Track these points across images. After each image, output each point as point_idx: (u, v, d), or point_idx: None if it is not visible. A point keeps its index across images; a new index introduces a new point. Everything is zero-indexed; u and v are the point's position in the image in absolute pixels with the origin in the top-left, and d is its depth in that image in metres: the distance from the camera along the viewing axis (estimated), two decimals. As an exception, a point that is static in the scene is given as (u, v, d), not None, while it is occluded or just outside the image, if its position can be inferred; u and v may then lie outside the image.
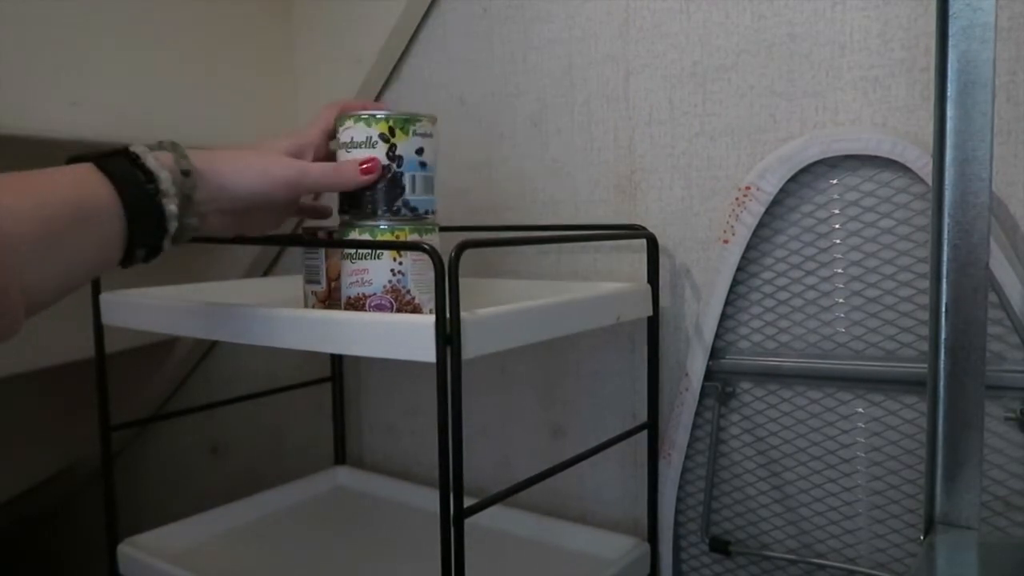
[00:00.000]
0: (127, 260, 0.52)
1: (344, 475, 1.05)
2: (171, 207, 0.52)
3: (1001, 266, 0.63)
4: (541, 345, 0.73)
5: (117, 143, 0.54)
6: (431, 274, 0.55)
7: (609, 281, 0.83)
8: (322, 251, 0.73)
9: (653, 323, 0.79)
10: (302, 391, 1.05)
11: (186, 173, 0.54)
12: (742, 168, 0.77)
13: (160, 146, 0.56)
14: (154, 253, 0.54)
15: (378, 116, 0.62)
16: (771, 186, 0.73)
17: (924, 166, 0.66)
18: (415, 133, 0.63)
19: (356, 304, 0.62)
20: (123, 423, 0.83)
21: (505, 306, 0.60)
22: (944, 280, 0.57)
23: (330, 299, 0.72)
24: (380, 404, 1.07)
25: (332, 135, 0.66)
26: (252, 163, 0.59)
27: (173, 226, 0.53)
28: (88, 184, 0.49)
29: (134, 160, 0.52)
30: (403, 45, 0.97)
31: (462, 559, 0.57)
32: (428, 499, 0.93)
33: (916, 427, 0.70)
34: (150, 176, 0.52)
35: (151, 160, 0.52)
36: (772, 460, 0.78)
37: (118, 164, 0.51)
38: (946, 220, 0.57)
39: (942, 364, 0.58)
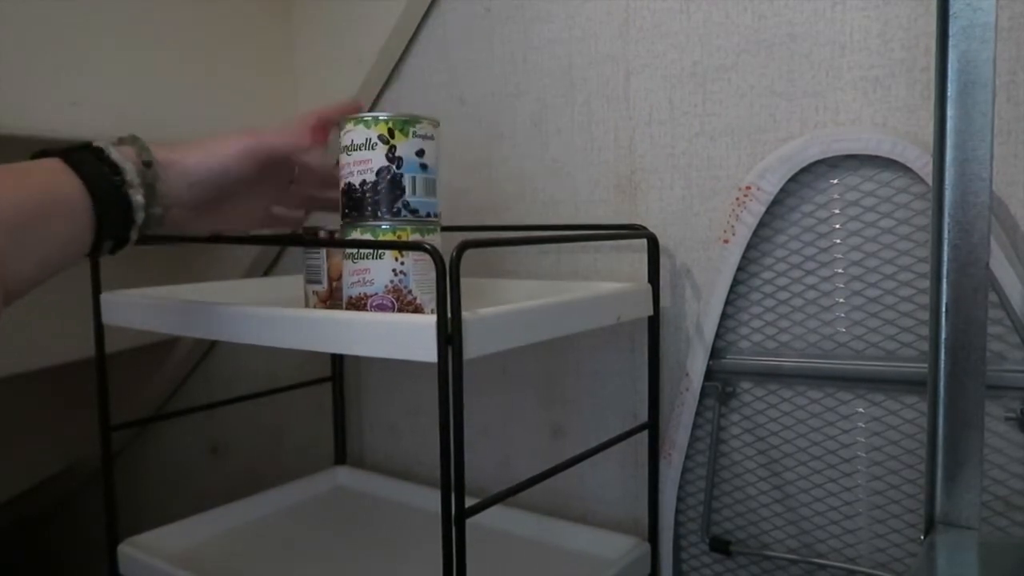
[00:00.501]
0: (95, 251, 0.54)
1: (344, 475, 1.05)
2: (137, 198, 0.54)
3: (1001, 266, 0.64)
4: (542, 345, 0.73)
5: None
6: (433, 274, 0.55)
7: (609, 281, 0.83)
8: (323, 251, 0.73)
9: (653, 323, 0.79)
10: (302, 391, 1.05)
11: (148, 164, 0.56)
12: (742, 168, 0.77)
13: (121, 141, 0.57)
14: (121, 244, 0.55)
15: (378, 118, 0.63)
16: (771, 186, 0.73)
17: (924, 166, 0.66)
18: (415, 135, 0.63)
19: (357, 304, 0.62)
20: (123, 423, 0.83)
21: (506, 306, 0.60)
22: (944, 280, 0.57)
23: (332, 299, 0.72)
24: (381, 404, 1.07)
25: (314, 141, 0.67)
26: (208, 145, 0.61)
27: (140, 216, 0.54)
28: (58, 178, 0.51)
29: (99, 154, 0.54)
30: (403, 45, 0.97)
31: (463, 559, 0.57)
32: (428, 499, 0.93)
33: (916, 427, 0.70)
34: (115, 168, 0.53)
35: (115, 153, 0.54)
36: (772, 460, 0.78)
37: (85, 158, 0.52)
38: (946, 220, 0.57)
39: (942, 364, 0.58)
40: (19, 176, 0.49)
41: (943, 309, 0.57)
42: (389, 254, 0.62)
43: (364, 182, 0.63)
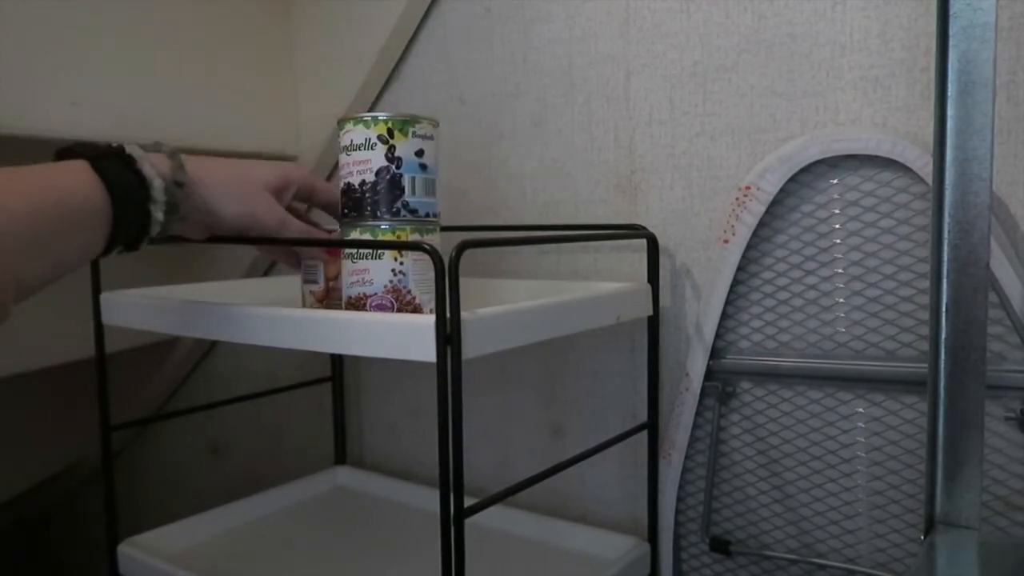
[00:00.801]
0: (104, 254, 0.54)
1: (344, 475, 1.05)
2: (158, 215, 0.54)
3: (1001, 266, 0.63)
4: (541, 345, 0.73)
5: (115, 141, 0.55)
6: (432, 274, 0.55)
7: (609, 281, 0.83)
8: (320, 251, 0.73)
9: (653, 323, 0.79)
10: (302, 391, 1.05)
11: (180, 184, 0.55)
12: (742, 168, 0.77)
13: (156, 147, 0.56)
14: (131, 249, 0.56)
15: (378, 118, 0.63)
16: (771, 186, 0.73)
17: (924, 166, 0.66)
18: (415, 135, 0.63)
19: (357, 304, 0.62)
20: (123, 423, 0.83)
21: (505, 306, 0.60)
22: (944, 280, 0.57)
23: (328, 298, 0.72)
24: (380, 404, 1.07)
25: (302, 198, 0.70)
26: (242, 196, 0.61)
27: (156, 230, 0.55)
28: (82, 185, 0.50)
29: (129, 163, 0.53)
30: (403, 45, 0.97)
31: (462, 559, 0.57)
32: (428, 499, 0.93)
33: (916, 427, 0.70)
34: (143, 182, 0.53)
35: (147, 167, 0.53)
36: (772, 460, 0.78)
37: (113, 167, 0.52)
38: (946, 220, 0.57)
39: (942, 364, 0.58)
40: (45, 178, 0.49)
41: (943, 309, 0.57)
42: (388, 254, 0.62)
43: (363, 182, 0.63)
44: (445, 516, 0.56)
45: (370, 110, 1.00)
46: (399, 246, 0.62)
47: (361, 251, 0.62)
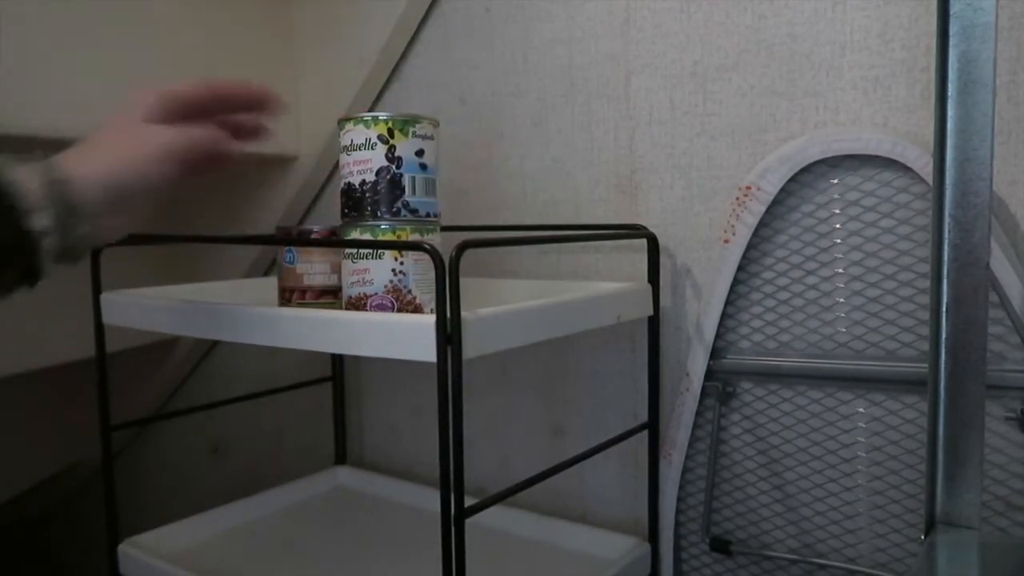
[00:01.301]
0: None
1: (344, 475, 1.05)
2: (43, 222, 0.44)
3: (1002, 266, 0.63)
4: (542, 345, 0.73)
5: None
6: (432, 274, 0.55)
7: (609, 281, 0.83)
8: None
9: (654, 323, 0.79)
10: (302, 391, 1.05)
11: (60, 182, 0.46)
12: (743, 168, 0.77)
13: (31, 157, 0.47)
14: (31, 276, 0.46)
15: (378, 118, 0.63)
16: (772, 186, 0.73)
17: (925, 166, 0.66)
18: (415, 135, 0.63)
19: (357, 304, 0.62)
20: (123, 423, 0.83)
21: (506, 306, 0.60)
22: (944, 280, 0.57)
23: (281, 299, 0.72)
24: (381, 404, 1.07)
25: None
26: (130, 152, 0.51)
27: (51, 242, 0.45)
28: None
29: None
30: (404, 45, 0.97)
31: (463, 559, 0.57)
32: (428, 499, 0.93)
33: (916, 427, 0.70)
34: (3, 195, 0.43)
35: (7, 173, 0.44)
36: (773, 460, 0.78)
37: None
38: (947, 220, 0.57)
39: (943, 364, 0.58)
40: None
41: (943, 309, 0.57)
42: (389, 254, 0.62)
43: (364, 182, 0.63)
44: (445, 516, 0.56)
45: (370, 110, 1.00)
46: (399, 246, 0.62)
47: (361, 251, 0.62)
